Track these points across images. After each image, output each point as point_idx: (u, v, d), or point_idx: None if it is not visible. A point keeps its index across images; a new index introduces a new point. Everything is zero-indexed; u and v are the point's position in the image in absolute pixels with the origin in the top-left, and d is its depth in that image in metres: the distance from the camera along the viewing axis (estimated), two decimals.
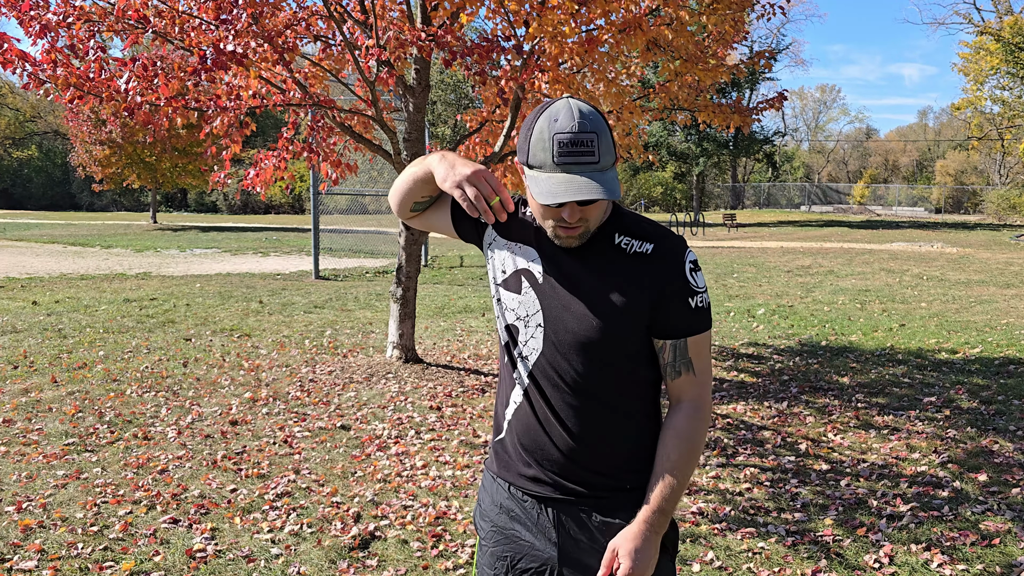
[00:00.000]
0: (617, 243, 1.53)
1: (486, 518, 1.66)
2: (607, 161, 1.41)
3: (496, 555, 1.62)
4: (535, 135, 1.43)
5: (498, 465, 1.65)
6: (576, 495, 1.55)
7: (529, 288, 1.56)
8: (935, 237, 24.19)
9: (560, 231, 1.49)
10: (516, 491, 1.61)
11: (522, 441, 1.59)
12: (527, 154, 1.45)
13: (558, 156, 1.39)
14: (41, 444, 4.65)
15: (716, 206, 49.96)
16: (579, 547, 1.56)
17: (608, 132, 1.43)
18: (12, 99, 58.86)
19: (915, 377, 6.34)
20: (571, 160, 1.39)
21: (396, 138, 5.76)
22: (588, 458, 1.54)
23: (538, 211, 1.50)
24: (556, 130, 1.40)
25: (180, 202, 56.89)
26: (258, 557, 3.27)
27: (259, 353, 7.22)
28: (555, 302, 1.53)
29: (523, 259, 1.59)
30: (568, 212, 1.44)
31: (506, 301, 1.60)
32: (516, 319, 1.58)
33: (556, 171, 1.40)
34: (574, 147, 1.39)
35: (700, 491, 4.00)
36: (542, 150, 1.41)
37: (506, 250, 1.62)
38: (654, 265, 1.50)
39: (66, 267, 15.11)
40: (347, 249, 18.41)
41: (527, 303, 1.56)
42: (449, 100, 35.62)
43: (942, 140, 67.38)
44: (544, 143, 1.41)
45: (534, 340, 1.55)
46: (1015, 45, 30.27)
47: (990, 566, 3.17)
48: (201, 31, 5.10)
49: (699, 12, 5.99)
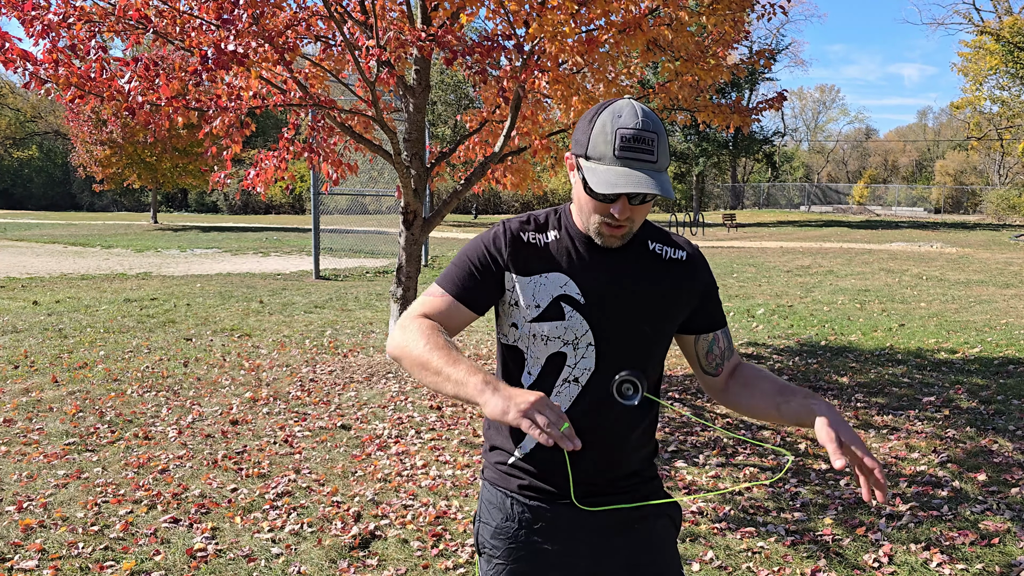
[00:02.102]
0: (652, 249, 1.59)
1: (500, 536, 1.61)
2: (664, 163, 1.44)
3: (516, 572, 1.60)
4: (597, 127, 1.44)
5: (516, 482, 1.61)
6: (609, 496, 1.59)
7: (573, 311, 1.54)
8: (934, 237, 24.19)
9: (605, 228, 1.49)
10: (540, 504, 1.59)
11: (552, 457, 1.55)
12: (586, 146, 1.46)
13: (619, 150, 1.41)
14: (42, 444, 4.65)
15: (716, 206, 49.97)
16: (614, 551, 1.58)
17: (666, 136, 1.46)
18: (12, 99, 58.87)
19: (914, 377, 6.35)
20: (631, 156, 1.41)
21: (396, 138, 5.76)
22: (624, 463, 1.59)
23: (587, 205, 1.50)
24: (619, 125, 1.42)
25: (180, 202, 56.90)
26: (258, 557, 3.27)
27: (259, 353, 7.23)
28: (604, 318, 1.54)
29: (555, 286, 1.56)
30: (620, 208, 1.45)
31: (547, 332, 1.55)
32: (563, 345, 1.55)
33: (616, 164, 1.42)
34: (636, 143, 1.41)
35: (700, 490, 4.01)
36: (603, 143, 1.43)
37: (531, 286, 1.57)
38: (693, 269, 1.61)
39: (67, 267, 15.11)
40: (347, 249, 18.41)
41: (573, 326, 1.54)
42: (449, 100, 35.62)
43: (942, 140, 67.38)
44: (606, 136, 1.42)
45: (586, 360, 1.54)
46: (1015, 45, 30.27)
47: (989, 566, 3.18)
48: (202, 31, 5.10)
49: (699, 12, 6.00)
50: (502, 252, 1.57)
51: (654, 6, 5.59)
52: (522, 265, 1.57)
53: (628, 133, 1.41)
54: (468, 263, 1.58)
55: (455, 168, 24.36)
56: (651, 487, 1.65)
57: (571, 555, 1.57)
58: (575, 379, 1.55)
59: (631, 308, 1.54)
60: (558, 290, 1.55)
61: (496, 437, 1.65)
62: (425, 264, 15.64)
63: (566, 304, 1.55)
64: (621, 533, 1.59)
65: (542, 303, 1.55)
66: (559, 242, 1.58)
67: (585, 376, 1.55)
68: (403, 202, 6.11)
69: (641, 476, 1.64)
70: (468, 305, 1.58)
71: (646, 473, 1.65)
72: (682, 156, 40.58)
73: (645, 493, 1.62)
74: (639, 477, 1.63)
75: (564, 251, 1.57)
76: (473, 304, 1.58)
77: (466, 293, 1.58)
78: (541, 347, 1.56)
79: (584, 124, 1.48)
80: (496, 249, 1.58)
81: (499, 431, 1.65)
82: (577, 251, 1.57)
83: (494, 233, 1.60)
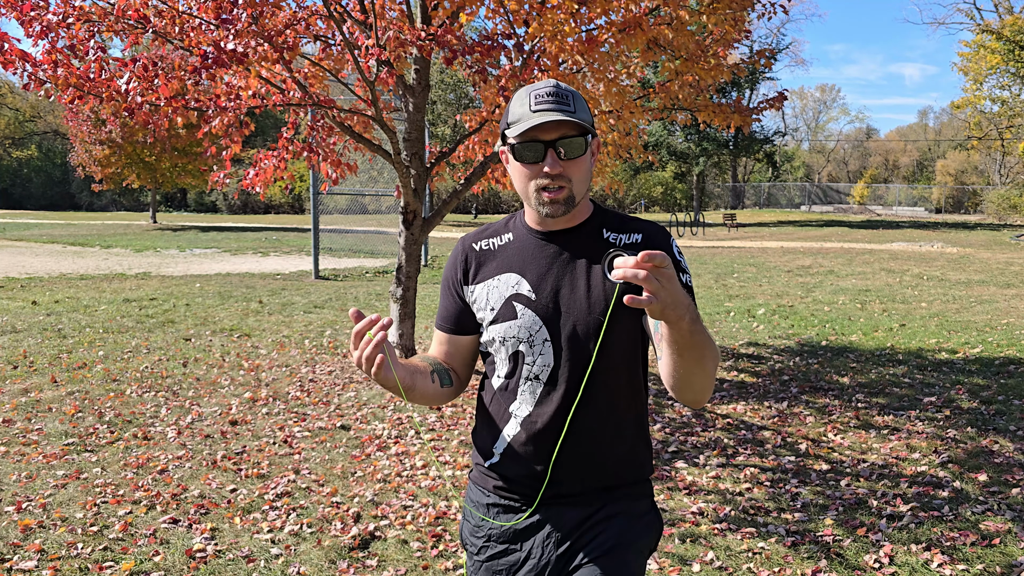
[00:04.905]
0: (606, 238, 1.56)
1: (477, 534, 1.65)
2: (583, 117, 1.45)
3: (491, 569, 1.62)
4: (514, 102, 1.50)
5: (491, 486, 1.63)
6: (578, 496, 1.57)
7: (525, 309, 1.55)
8: (935, 237, 24.18)
9: (545, 196, 1.48)
10: (512, 502, 1.61)
11: (525, 457, 1.57)
12: (506, 121, 1.51)
13: (535, 105, 1.45)
14: (41, 444, 4.65)
15: (716, 206, 49.96)
16: (579, 546, 1.56)
17: (586, 106, 1.49)
18: (12, 99, 58.87)
19: (915, 377, 6.34)
20: (547, 107, 1.44)
21: (396, 138, 5.75)
22: (594, 460, 1.55)
23: (523, 178, 1.50)
24: (532, 89, 1.47)
25: (180, 202, 56.89)
26: (258, 557, 3.26)
27: (259, 353, 7.22)
28: (555, 311, 1.53)
29: (507, 287, 1.57)
30: (550, 162, 1.45)
31: (504, 332, 1.56)
32: (520, 344, 1.55)
33: (532, 117, 1.45)
34: (550, 97, 1.45)
35: (700, 491, 4.00)
36: (520, 107, 1.48)
37: (485, 291, 1.60)
38: (647, 249, 1.40)
39: (66, 267, 15.11)
40: (347, 249, 18.40)
41: (526, 324, 1.54)
42: (449, 100, 35.61)
43: (942, 140, 67.38)
44: (522, 101, 1.48)
45: (543, 357, 1.54)
46: (1016, 44, 30.26)
47: (990, 566, 3.17)
48: (201, 31, 5.09)
49: (699, 11, 5.99)
50: (458, 270, 1.64)
51: (654, 5, 5.58)
52: (477, 273, 1.62)
53: (542, 91, 1.46)
54: (444, 290, 1.67)
55: (455, 168, 24.34)
56: (634, 500, 1.59)
57: (540, 557, 1.58)
58: (535, 376, 1.55)
59: (583, 300, 1.51)
60: (510, 290, 1.56)
61: (476, 438, 1.68)
62: (425, 264, 15.63)
63: (518, 303, 1.55)
64: (588, 532, 1.56)
65: (496, 305, 1.57)
66: (512, 243, 1.61)
67: (545, 372, 1.54)
68: (403, 202, 6.10)
69: (622, 489, 1.59)
70: (459, 332, 1.65)
71: (627, 477, 1.60)
72: (682, 156, 40.55)
73: (625, 507, 1.58)
74: (620, 491, 1.58)
75: (516, 250, 1.59)
76: (463, 329, 1.64)
77: (450, 323, 1.66)
78: (501, 349, 1.58)
79: (505, 110, 1.54)
80: (453, 268, 1.65)
81: (478, 433, 1.67)
82: (528, 248, 1.58)
83: (453, 252, 1.67)
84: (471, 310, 1.62)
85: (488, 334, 1.59)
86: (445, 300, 1.67)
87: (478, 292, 1.60)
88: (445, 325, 1.66)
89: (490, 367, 1.63)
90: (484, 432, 1.65)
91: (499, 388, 1.60)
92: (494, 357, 1.60)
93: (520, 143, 1.47)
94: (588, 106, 1.52)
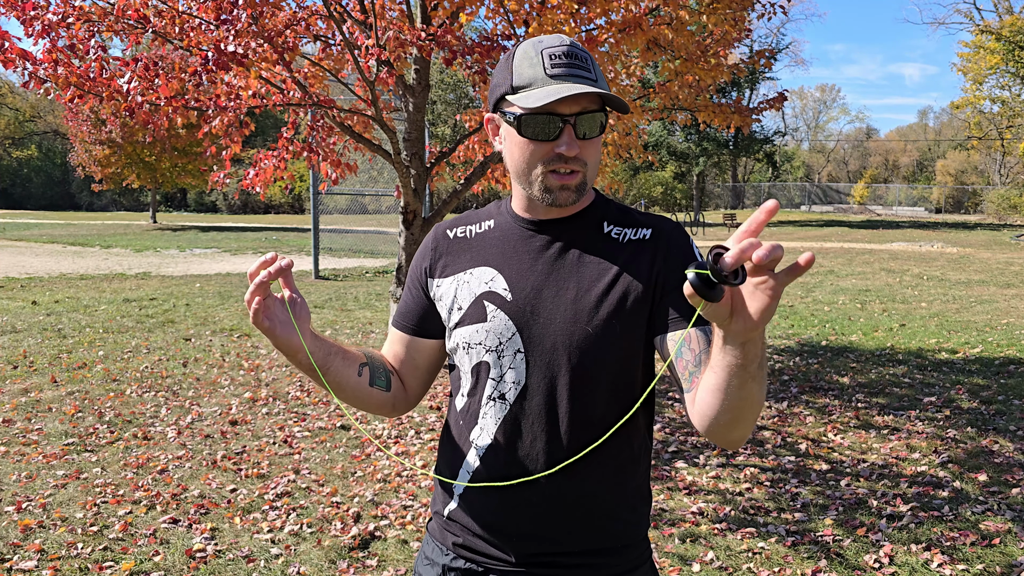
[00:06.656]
0: (607, 232, 1.28)
1: None
2: (604, 86, 1.20)
3: None
4: (518, 58, 1.21)
5: (450, 535, 1.33)
6: (561, 558, 1.25)
7: (497, 311, 1.25)
8: (935, 237, 24.18)
9: (554, 180, 1.20)
10: (475, 565, 1.29)
11: (488, 501, 1.26)
12: (510, 80, 1.21)
13: (550, 68, 1.18)
14: (41, 444, 4.65)
15: (716, 206, 49.95)
16: None
17: (601, 72, 1.25)
18: (12, 99, 58.87)
19: (915, 377, 6.34)
20: (566, 72, 1.17)
21: (396, 138, 5.75)
22: (575, 512, 1.24)
23: (525, 157, 1.21)
24: (544, 46, 1.20)
25: (180, 202, 56.89)
26: (258, 557, 3.26)
27: (259, 353, 7.22)
28: (533, 316, 1.24)
29: (479, 283, 1.29)
30: (567, 141, 1.17)
31: (470, 337, 1.27)
32: (486, 352, 1.25)
33: (549, 83, 1.17)
34: (568, 59, 1.18)
35: (700, 491, 4.00)
36: (530, 67, 1.19)
37: (453, 286, 1.32)
38: (660, 246, 1.25)
39: (66, 267, 15.10)
40: (347, 249, 18.40)
41: (497, 329, 1.25)
42: (449, 100, 35.62)
43: (942, 140, 67.38)
44: (531, 60, 1.19)
45: (513, 371, 1.24)
46: (1015, 44, 30.26)
47: (990, 566, 3.17)
48: (201, 31, 5.09)
49: (699, 11, 5.99)
50: (426, 259, 1.38)
51: (654, 5, 5.58)
52: (445, 265, 1.35)
53: (556, 50, 1.19)
54: (408, 282, 1.40)
55: (455, 168, 24.33)
56: (617, 559, 1.26)
57: None
58: (500, 395, 1.25)
59: (570, 305, 1.22)
60: (482, 287, 1.28)
61: (436, 475, 1.37)
62: None
63: (490, 303, 1.26)
64: None
65: (464, 304, 1.29)
66: (491, 231, 1.34)
67: (513, 392, 1.24)
68: (403, 202, 6.10)
69: (613, 553, 1.26)
70: (418, 333, 1.37)
71: (620, 537, 1.27)
72: (682, 156, 40.56)
73: (618, 572, 1.26)
74: (613, 556, 1.26)
75: (495, 241, 1.32)
76: (423, 330, 1.37)
77: (408, 320, 1.38)
78: (465, 358, 1.28)
79: (502, 65, 1.25)
80: (421, 258, 1.39)
81: (438, 468, 1.37)
82: (511, 239, 1.30)
83: (424, 240, 1.41)
84: (435, 308, 1.35)
85: (452, 339, 1.30)
86: (407, 294, 1.40)
87: (445, 287, 1.32)
88: (402, 323, 1.38)
89: (455, 383, 1.33)
90: (443, 466, 1.34)
91: (461, 409, 1.30)
92: (459, 370, 1.31)
93: (530, 114, 1.18)
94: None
